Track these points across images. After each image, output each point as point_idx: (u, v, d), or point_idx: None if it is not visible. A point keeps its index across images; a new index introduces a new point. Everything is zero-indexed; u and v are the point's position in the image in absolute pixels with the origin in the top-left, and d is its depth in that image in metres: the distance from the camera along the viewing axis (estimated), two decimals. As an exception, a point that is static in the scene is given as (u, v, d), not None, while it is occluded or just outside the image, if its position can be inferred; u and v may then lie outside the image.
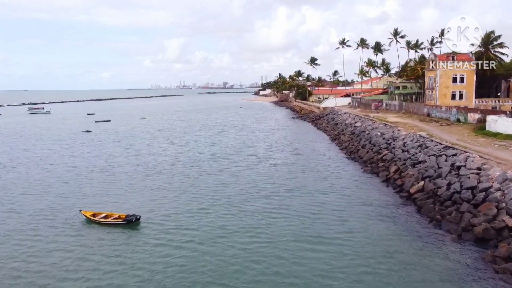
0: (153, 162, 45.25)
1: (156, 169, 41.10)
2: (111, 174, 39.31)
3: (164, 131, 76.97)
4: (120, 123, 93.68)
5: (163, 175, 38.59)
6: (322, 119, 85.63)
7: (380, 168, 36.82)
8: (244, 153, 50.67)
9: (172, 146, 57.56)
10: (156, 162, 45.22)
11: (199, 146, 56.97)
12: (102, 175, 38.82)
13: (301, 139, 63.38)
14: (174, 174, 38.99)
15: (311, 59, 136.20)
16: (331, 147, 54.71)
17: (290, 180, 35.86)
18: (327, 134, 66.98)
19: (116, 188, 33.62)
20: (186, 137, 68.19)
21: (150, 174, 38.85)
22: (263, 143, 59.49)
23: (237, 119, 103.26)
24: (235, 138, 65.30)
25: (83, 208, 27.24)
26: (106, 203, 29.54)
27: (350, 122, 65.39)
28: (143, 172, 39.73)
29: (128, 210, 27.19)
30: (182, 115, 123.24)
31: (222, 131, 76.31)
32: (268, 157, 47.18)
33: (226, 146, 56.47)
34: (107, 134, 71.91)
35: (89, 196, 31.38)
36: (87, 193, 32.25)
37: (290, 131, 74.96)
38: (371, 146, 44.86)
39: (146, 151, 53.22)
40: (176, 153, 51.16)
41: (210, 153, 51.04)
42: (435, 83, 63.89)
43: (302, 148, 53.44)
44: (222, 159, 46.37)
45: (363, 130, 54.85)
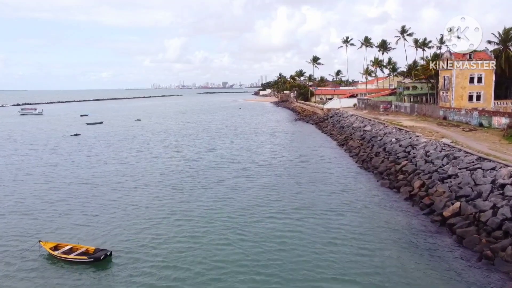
0: (141, 172, 40.35)
1: (143, 182, 36.19)
2: (91, 187, 34.40)
3: (158, 135, 72.09)
4: (113, 126, 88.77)
5: (150, 189, 33.69)
6: (327, 121, 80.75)
7: (401, 181, 31.93)
8: (245, 160, 45.81)
9: (165, 152, 52.68)
10: (144, 172, 40.33)
11: (194, 152, 52.09)
12: (80, 189, 33.90)
13: (306, 144, 58.52)
14: (163, 187, 34.10)
15: (314, 58, 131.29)
16: (340, 153, 49.82)
17: (298, 195, 30.99)
18: (333, 138, 62.10)
19: (92, 208, 28.69)
20: (182, 141, 63.32)
21: (135, 188, 33.96)
22: (265, 148, 54.61)
23: (237, 121, 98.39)
24: (234, 143, 60.44)
25: (45, 236, 22.36)
26: (76, 228, 24.63)
27: (359, 126, 60.51)
28: (127, 186, 34.81)
29: (101, 239, 22.32)
30: (179, 116, 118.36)
31: (220, 134, 71.45)
32: (271, 166, 42.30)
33: (224, 153, 51.60)
34: (97, 138, 67.00)
35: (58, 219, 26.44)
36: (57, 215, 27.31)
37: (293, 135, 70.09)
38: (386, 154, 39.98)
39: (136, 158, 48.33)
40: (168, 161, 46.29)
41: (206, 160, 46.16)
42: (450, 83, 58.98)
43: (308, 155, 48.57)
44: (219, 169, 41.48)
45: (375, 135, 49.96)
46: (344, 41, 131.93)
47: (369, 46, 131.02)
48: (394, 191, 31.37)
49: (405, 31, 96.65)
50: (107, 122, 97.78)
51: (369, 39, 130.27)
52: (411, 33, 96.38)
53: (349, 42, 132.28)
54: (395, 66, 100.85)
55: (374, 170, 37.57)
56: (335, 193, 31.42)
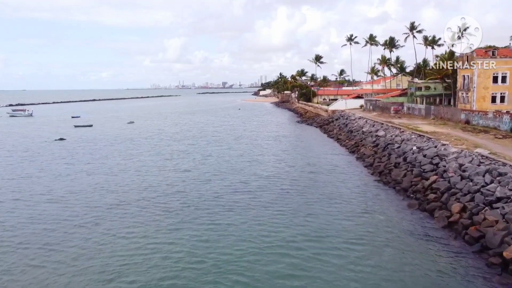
0: (124, 186, 34.84)
1: (124, 199, 30.68)
2: (63, 208, 28.86)
3: (151, 139, 66.57)
4: (103, 128, 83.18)
5: (132, 208, 28.20)
6: (332, 124, 75.26)
7: (433, 202, 26.44)
8: (245, 171, 40.33)
9: (155, 160, 47.16)
10: (127, 186, 34.82)
11: (188, 161, 46.60)
12: (48, 210, 28.35)
13: (312, 150, 53.02)
14: (148, 207, 28.60)
15: (316, 57, 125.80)
16: (351, 162, 44.34)
17: (310, 219, 25.51)
18: (341, 144, 56.59)
19: (54, 239, 23.19)
20: (175, 146, 57.81)
21: (115, 207, 28.45)
22: (267, 156, 49.13)
23: (236, 123, 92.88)
24: (233, 149, 54.95)
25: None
26: (29, 271, 19.13)
27: (370, 130, 55.01)
28: (105, 205, 29.28)
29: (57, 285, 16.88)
30: (175, 117, 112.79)
31: (218, 138, 65.94)
32: (275, 178, 36.80)
33: (221, 161, 46.12)
34: (83, 143, 61.45)
35: (14, 256, 20.95)
36: (14, 250, 21.82)
37: (297, 139, 64.59)
38: (409, 166, 34.44)
39: (122, 167, 42.82)
40: (157, 172, 40.78)
41: (200, 171, 40.66)
42: (471, 83, 53.52)
43: (317, 164, 43.09)
44: (215, 182, 35.99)
45: (390, 141, 44.46)
46: (348, 39, 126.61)
47: (374, 44, 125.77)
48: (425, 214, 25.91)
49: (414, 28, 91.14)
50: (98, 124, 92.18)
51: (374, 36, 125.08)
52: (420, 29, 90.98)
53: (353, 40, 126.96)
54: (403, 65, 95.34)
55: (396, 185, 32.07)
56: (354, 217, 25.94)
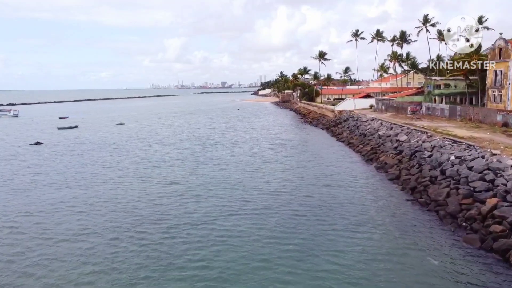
0: (98, 203, 27.87)
1: (95, 222, 23.71)
2: (21, 232, 21.92)
3: (139, 142, 59.56)
4: (89, 131, 76.09)
5: (101, 238, 21.24)
6: (340, 126, 68.29)
7: (502, 239, 19.47)
8: (244, 184, 33.38)
9: (138, 169, 40.14)
10: (102, 203, 27.86)
11: (178, 170, 39.64)
12: (5, 234, 21.40)
13: (322, 156, 46.03)
14: (122, 234, 21.66)
15: (320, 53, 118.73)
16: (371, 173, 37.38)
17: (334, 261, 18.55)
18: (354, 149, 49.61)
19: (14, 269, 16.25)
20: (166, 151, 50.82)
21: (81, 236, 21.47)
22: (271, 164, 42.14)
23: (235, 125, 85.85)
24: (231, 154, 48.00)
25: None
26: None
27: (387, 134, 48.03)
28: (71, 231, 22.32)
29: None
30: (170, 118, 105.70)
31: (214, 142, 58.95)
32: (283, 195, 29.84)
33: (217, 170, 39.15)
34: (61, 148, 54.39)
35: None
36: None
37: (303, 143, 57.57)
38: (451, 182, 27.42)
39: (97, 180, 35.81)
40: (140, 184, 33.80)
41: (191, 184, 33.69)
42: (505, 79, 46.59)
43: (330, 175, 36.11)
44: (207, 199, 29.04)
45: (418, 148, 37.41)
46: (354, 35, 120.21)
47: (381, 40, 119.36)
48: (493, 256, 18.94)
49: (427, 21, 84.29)
50: (85, 126, 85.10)
51: (381, 32, 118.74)
52: (434, 23, 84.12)
53: (359, 36, 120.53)
54: (415, 61, 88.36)
55: (439, 208, 25.05)
56: (396, 260, 18.96)
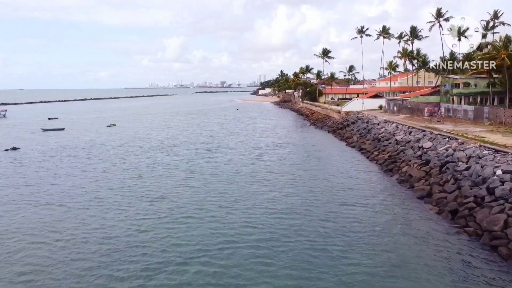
0: (68, 229, 22.15)
1: (63, 253, 18.00)
2: None
3: (130, 146, 53.92)
4: (76, 133, 70.40)
5: (68, 275, 15.59)
6: (349, 129, 62.66)
7: None
8: (246, 201, 27.74)
9: (122, 179, 34.45)
10: (75, 225, 22.19)
11: (167, 181, 33.98)
12: None
13: (333, 165, 40.36)
14: (92, 272, 16.00)
15: (324, 51, 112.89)
16: (393, 188, 31.73)
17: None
18: (367, 156, 43.97)
19: None
20: (156, 157, 45.16)
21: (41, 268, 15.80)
22: (275, 174, 36.43)
23: (233, 126, 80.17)
24: (229, 162, 42.39)
25: None
26: None
27: (407, 139, 42.36)
28: (34, 260, 16.66)
29: None
30: (165, 119, 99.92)
31: (210, 147, 53.29)
32: (294, 219, 24.18)
33: (213, 182, 33.49)
34: (41, 154, 48.69)
35: None
36: None
37: (309, 149, 51.83)
38: (505, 207, 21.70)
39: (75, 194, 30.13)
40: (122, 202, 28.15)
41: (180, 201, 28.02)
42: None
43: (347, 190, 30.45)
44: (198, 222, 23.40)
45: (449, 158, 31.66)
46: (359, 32, 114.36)
47: (387, 37, 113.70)
48: None
49: (441, 15, 78.60)
50: (73, 127, 79.37)
51: (387, 29, 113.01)
52: (448, 17, 78.42)
53: (364, 33, 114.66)
54: (426, 58, 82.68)
55: (499, 244, 19.31)
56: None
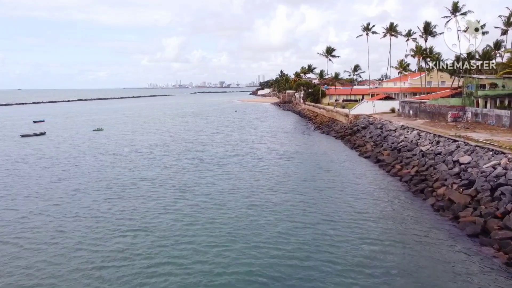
0: (16, 273, 15.67)
1: None
2: None
3: (114, 155, 47.37)
4: (57, 139, 63.77)
5: None
6: (359, 135, 56.11)
7: None
8: (247, 236, 21.28)
9: (100, 202, 27.85)
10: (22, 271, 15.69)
11: (152, 204, 27.40)
12: None
13: (348, 181, 33.76)
14: None
15: (327, 49, 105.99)
16: (433, 218, 25.23)
17: None
18: (386, 169, 37.47)
19: None
20: (143, 171, 38.61)
21: None
22: (282, 194, 29.86)
23: (231, 131, 73.58)
24: (227, 176, 35.89)
25: None
26: None
27: (435, 150, 35.79)
28: None
29: None
30: (159, 122, 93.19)
31: (206, 155, 46.76)
32: (308, 263, 17.64)
33: (206, 207, 26.97)
34: (7, 166, 42.11)
35: None
36: None
37: (318, 159, 45.10)
38: None
39: (36, 221, 23.52)
40: (91, 233, 21.61)
41: (163, 235, 21.45)
42: None
43: (369, 219, 23.93)
44: (186, 270, 16.84)
45: (502, 180, 25.02)
46: (365, 29, 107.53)
47: (394, 35, 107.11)
48: None
49: (457, 9, 71.93)
50: (56, 132, 72.70)
51: (395, 26, 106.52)
52: (465, 12, 71.79)
53: (370, 30, 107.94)
54: (440, 57, 76.06)
55: None
56: None
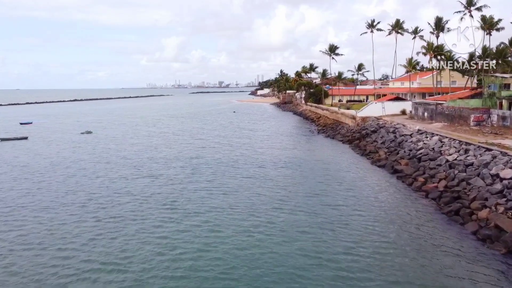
0: None
1: None
2: None
3: (97, 164, 42.35)
4: (40, 143, 58.67)
5: None
6: (369, 140, 51.10)
7: None
8: (245, 268, 16.11)
9: (72, 223, 22.73)
10: None
11: (133, 230, 22.31)
12: None
13: (364, 199, 28.71)
14: None
15: (330, 47, 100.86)
16: (472, 249, 20.24)
17: None
18: (406, 182, 32.48)
19: None
20: (127, 183, 33.57)
21: None
22: (289, 217, 24.78)
23: (229, 134, 68.49)
24: (223, 193, 30.87)
25: None
26: None
27: (465, 161, 30.77)
28: None
29: None
30: (153, 124, 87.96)
31: (200, 164, 41.80)
32: None
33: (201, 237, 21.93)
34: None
35: None
36: None
37: (326, 169, 39.87)
38: None
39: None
40: (56, 267, 16.53)
41: (147, 275, 16.45)
42: None
43: (396, 249, 18.89)
44: None
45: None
46: (369, 26, 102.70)
47: (400, 32, 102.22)
48: None
49: (472, 3, 67.04)
50: (40, 135, 67.58)
51: (401, 23, 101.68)
52: (481, 6, 66.92)
53: (375, 27, 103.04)
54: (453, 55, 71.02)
55: None
56: None
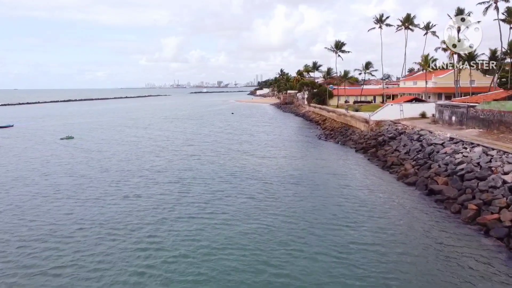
0: None
1: None
2: None
3: (71, 177, 35.28)
4: (13, 149, 51.61)
5: None
6: (389, 148, 44.11)
7: None
8: None
9: (22, 255, 15.73)
10: None
11: (104, 267, 15.31)
12: None
13: (398, 230, 21.70)
14: None
15: (336, 44, 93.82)
16: None
17: None
18: (451, 210, 25.52)
19: None
20: (105, 204, 26.46)
21: None
22: (299, 256, 17.73)
23: (227, 139, 61.40)
24: (219, 217, 23.74)
25: None
26: None
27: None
28: None
29: None
30: (145, 127, 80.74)
31: (192, 178, 34.75)
32: None
33: (192, 275, 14.90)
34: None
35: None
36: None
37: (342, 186, 32.71)
38: None
39: None
40: None
41: None
42: None
43: None
44: None
45: None
46: (378, 21, 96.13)
47: (410, 28, 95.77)
48: None
49: (498, -6, 60.17)
50: (16, 140, 60.45)
51: (412, 18, 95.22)
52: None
53: (383, 22, 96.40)
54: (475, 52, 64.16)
55: None
56: None
